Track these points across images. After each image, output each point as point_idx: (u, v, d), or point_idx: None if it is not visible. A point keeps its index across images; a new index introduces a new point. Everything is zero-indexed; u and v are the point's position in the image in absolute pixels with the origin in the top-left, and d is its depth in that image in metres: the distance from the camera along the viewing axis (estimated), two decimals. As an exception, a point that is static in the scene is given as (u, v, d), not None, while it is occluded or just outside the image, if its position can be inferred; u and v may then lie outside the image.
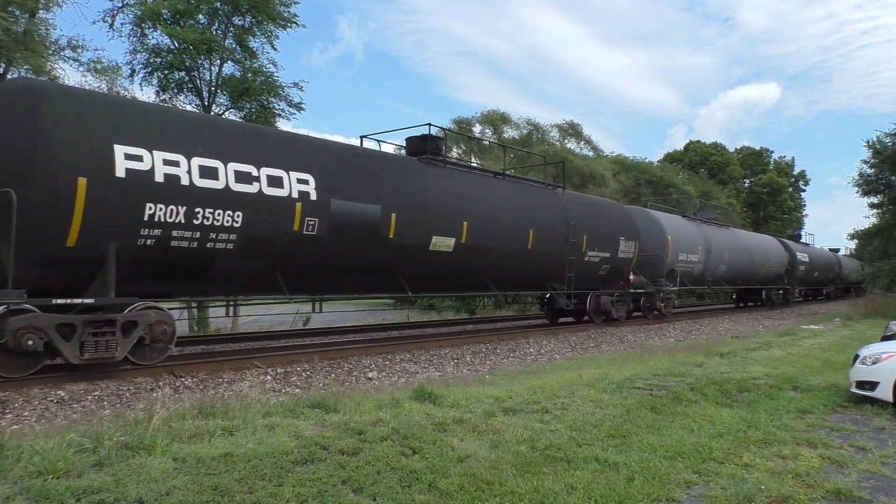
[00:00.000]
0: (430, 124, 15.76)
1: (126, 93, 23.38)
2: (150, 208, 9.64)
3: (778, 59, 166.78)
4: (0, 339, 8.53)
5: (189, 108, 23.68)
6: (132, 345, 9.77)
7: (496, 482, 4.98)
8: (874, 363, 8.51)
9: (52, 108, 9.02)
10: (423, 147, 15.68)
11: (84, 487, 4.27)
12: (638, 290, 23.02)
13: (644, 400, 8.27)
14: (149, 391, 9.11)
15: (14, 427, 7.03)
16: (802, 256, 39.74)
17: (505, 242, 16.44)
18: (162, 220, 9.77)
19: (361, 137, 16.10)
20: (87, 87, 21.85)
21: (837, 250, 52.27)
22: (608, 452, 5.92)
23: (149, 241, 9.79)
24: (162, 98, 23.54)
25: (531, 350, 15.46)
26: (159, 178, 9.74)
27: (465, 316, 28.57)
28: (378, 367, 12.17)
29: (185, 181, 10.01)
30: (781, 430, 7.10)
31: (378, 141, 16.24)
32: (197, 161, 10.23)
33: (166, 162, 9.86)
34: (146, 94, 36.00)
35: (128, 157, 9.43)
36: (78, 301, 9.26)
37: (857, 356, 8.97)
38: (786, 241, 39.75)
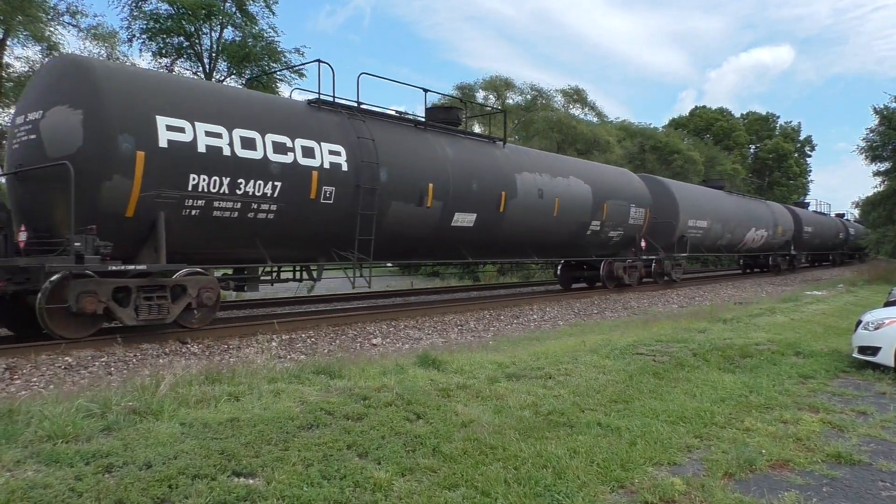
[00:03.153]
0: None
1: (126, 59, 23.18)
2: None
3: (790, 21, 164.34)
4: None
5: (188, 73, 23.46)
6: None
7: (499, 447, 5.03)
8: (876, 329, 8.53)
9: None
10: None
11: (93, 451, 4.33)
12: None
13: (647, 366, 8.32)
14: (155, 357, 9.19)
15: (23, 393, 7.11)
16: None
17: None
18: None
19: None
20: (88, 53, 21.66)
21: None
22: (611, 417, 5.97)
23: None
24: (161, 63, 23.33)
25: (535, 317, 15.52)
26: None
27: (468, 283, 28.64)
28: (382, 333, 12.24)
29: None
30: (783, 395, 7.15)
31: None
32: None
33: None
34: (145, 60, 35.64)
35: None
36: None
37: (859, 322, 8.99)
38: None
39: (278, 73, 24.10)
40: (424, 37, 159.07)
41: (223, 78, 23.92)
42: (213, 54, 23.42)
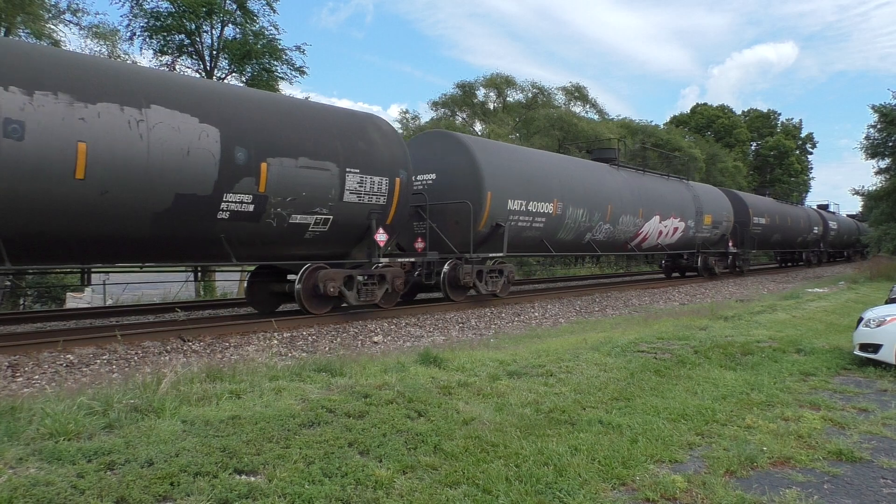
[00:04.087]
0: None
1: (126, 57, 23.17)
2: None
3: (793, 18, 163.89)
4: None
5: (189, 71, 23.46)
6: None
7: (501, 444, 5.04)
8: (878, 326, 8.52)
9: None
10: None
11: (95, 449, 4.34)
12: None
13: (648, 363, 8.32)
14: (156, 355, 9.20)
15: (25, 390, 7.12)
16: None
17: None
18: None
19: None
20: (88, 51, 21.66)
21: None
22: (612, 415, 5.97)
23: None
24: (162, 61, 23.32)
25: (536, 314, 15.52)
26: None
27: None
28: (383, 331, 12.24)
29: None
30: (784, 392, 7.15)
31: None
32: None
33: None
34: (146, 57, 35.60)
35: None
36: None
37: (861, 319, 8.98)
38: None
39: (278, 71, 24.11)
40: (427, 34, 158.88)
41: (224, 76, 23.91)
42: (214, 52, 23.41)
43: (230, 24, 23.73)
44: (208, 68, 23.39)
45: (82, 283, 11.68)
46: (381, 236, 13.33)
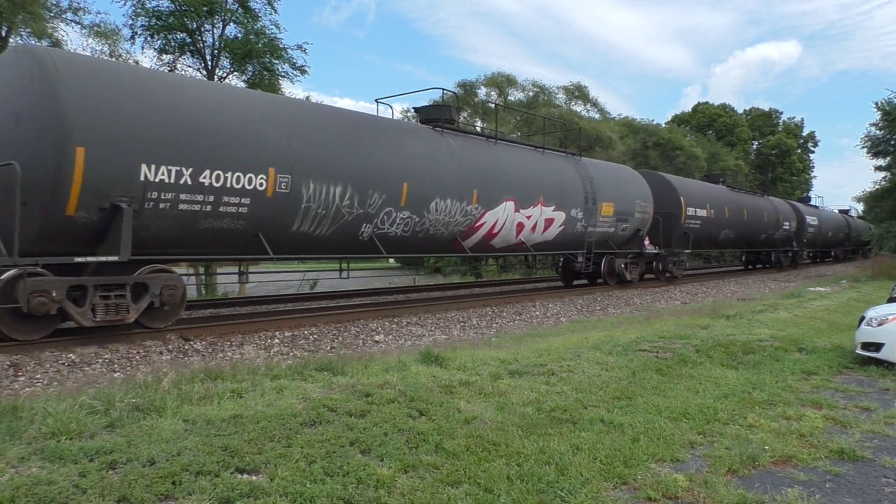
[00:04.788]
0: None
1: (128, 56, 23.18)
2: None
3: (795, 17, 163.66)
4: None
5: (191, 71, 23.47)
6: None
7: (502, 443, 5.04)
8: (880, 325, 8.51)
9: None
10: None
11: (97, 448, 4.34)
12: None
13: (650, 362, 8.32)
14: (158, 354, 9.20)
15: (27, 390, 7.13)
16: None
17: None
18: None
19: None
20: (88, 52, 21.67)
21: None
22: (613, 414, 5.97)
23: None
24: (163, 61, 23.34)
25: (537, 313, 15.52)
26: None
27: (471, 279, 28.65)
28: (385, 330, 12.24)
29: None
30: (786, 391, 7.15)
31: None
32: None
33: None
34: (147, 57, 35.58)
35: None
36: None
37: (862, 318, 8.97)
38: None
39: (279, 70, 24.12)
40: (428, 33, 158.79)
41: (226, 75, 23.92)
42: (216, 51, 23.42)
43: (231, 23, 23.74)
44: (209, 68, 23.40)
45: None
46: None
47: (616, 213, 20.60)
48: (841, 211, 51.00)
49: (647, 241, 22.74)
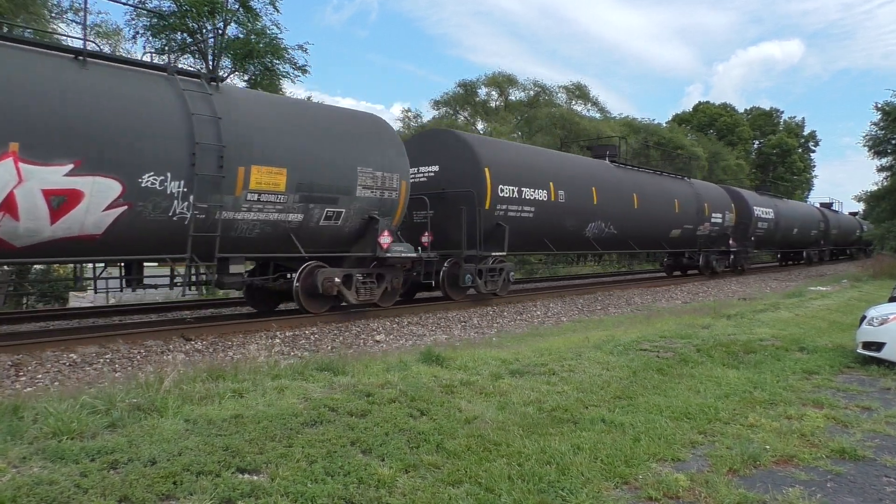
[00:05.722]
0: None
1: (129, 55, 23.20)
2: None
3: (797, 16, 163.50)
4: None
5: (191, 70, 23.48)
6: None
7: (503, 443, 5.04)
8: (881, 324, 8.51)
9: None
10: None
11: (98, 448, 4.35)
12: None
13: (650, 362, 8.31)
14: (159, 354, 9.21)
15: (29, 389, 7.14)
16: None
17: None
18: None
19: None
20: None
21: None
22: (615, 413, 5.97)
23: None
24: (164, 60, 23.35)
25: (538, 313, 15.51)
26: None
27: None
28: (386, 330, 12.24)
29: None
30: (787, 390, 7.14)
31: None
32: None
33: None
34: (148, 57, 35.56)
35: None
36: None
37: (863, 317, 8.97)
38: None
39: (280, 70, 24.14)
40: (430, 32, 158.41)
41: (227, 75, 23.93)
42: (217, 51, 23.42)
43: (233, 23, 23.76)
44: (210, 67, 23.41)
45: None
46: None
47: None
48: (823, 205, 47.24)
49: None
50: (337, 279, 12.37)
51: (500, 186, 15.84)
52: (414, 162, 15.09)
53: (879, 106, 28.76)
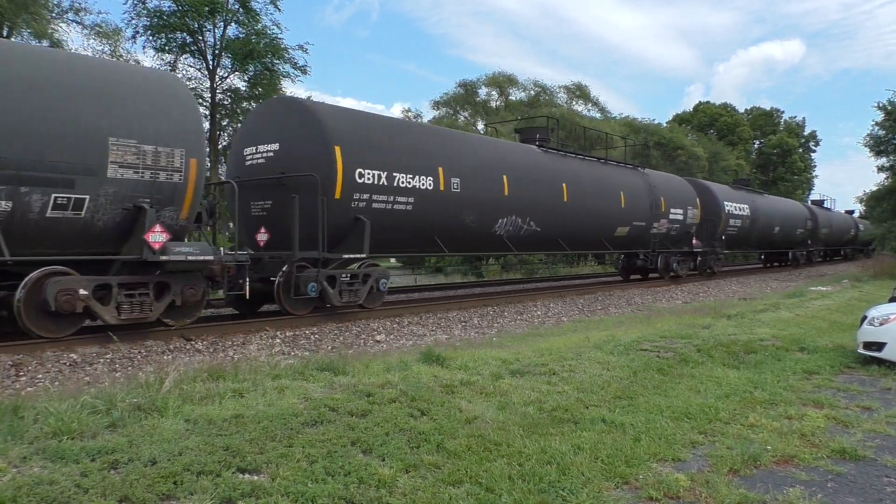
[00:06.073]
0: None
1: (129, 56, 23.20)
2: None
3: (798, 16, 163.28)
4: None
5: (192, 70, 23.50)
6: None
7: (504, 443, 5.04)
8: (882, 324, 8.50)
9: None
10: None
11: (98, 448, 4.34)
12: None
13: (651, 362, 8.31)
14: (159, 354, 9.21)
15: (29, 389, 7.14)
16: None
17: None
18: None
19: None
20: (90, 52, 21.68)
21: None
22: (615, 413, 5.97)
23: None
24: (165, 60, 23.37)
25: (538, 313, 15.51)
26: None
27: (472, 279, 28.64)
28: (386, 330, 12.25)
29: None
30: (788, 390, 7.14)
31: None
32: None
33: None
34: (148, 56, 35.59)
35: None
36: None
37: (864, 317, 8.96)
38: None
39: (280, 70, 24.16)
40: (431, 32, 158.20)
41: (227, 75, 23.95)
42: (217, 51, 23.43)
43: (233, 23, 23.76)
44: (210, 67, 23.42)
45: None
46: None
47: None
48: (814, 202, 45.73)
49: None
50: (82, 291, 9.08)
51: (359, 170, 12.72)
52: (253, 139, 12.94)
53: (882, 105, 28.79)
